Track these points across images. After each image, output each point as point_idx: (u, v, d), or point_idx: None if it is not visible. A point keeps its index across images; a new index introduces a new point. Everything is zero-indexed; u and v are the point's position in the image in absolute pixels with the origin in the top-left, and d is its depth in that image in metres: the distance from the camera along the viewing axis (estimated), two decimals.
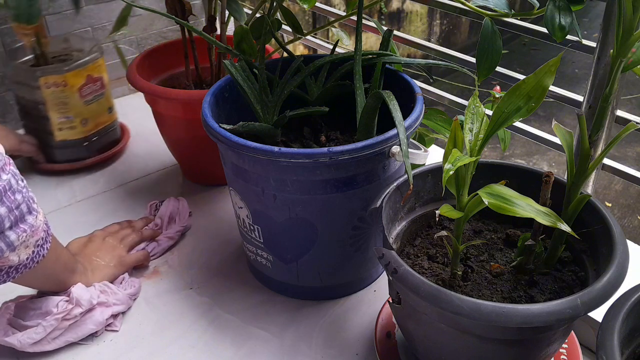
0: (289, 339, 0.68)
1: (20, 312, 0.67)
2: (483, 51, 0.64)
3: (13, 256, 0.55)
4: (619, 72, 0.47)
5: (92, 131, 1.00)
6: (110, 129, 1.04)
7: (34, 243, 0.58)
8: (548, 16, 0.59)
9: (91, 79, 0.96)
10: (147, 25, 1.24)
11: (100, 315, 0.68)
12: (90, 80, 0.96)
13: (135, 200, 0.93)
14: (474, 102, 0.52)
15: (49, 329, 0.64)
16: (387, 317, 0.66)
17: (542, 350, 0.51)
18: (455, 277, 0.54)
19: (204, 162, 0.93)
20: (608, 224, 0.52)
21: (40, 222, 0.58)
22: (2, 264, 0.55)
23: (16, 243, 0.54)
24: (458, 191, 0.50)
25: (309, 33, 0.83)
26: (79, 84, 0.94)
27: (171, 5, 0.89)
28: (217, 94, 0.72)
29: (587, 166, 0.50)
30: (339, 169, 0.60)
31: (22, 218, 0.55)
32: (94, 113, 0.99)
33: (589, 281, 0.52)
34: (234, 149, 0.60)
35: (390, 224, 0.58)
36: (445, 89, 0.87)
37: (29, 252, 0.57)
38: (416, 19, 4.00)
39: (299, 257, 0.68)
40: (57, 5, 1.10)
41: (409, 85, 0.70)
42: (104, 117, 1.02)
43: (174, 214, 0.86)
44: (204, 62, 0.96)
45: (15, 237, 0.54)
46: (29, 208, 0.56)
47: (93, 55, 0.97)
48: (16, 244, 0.54)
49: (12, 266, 0.56)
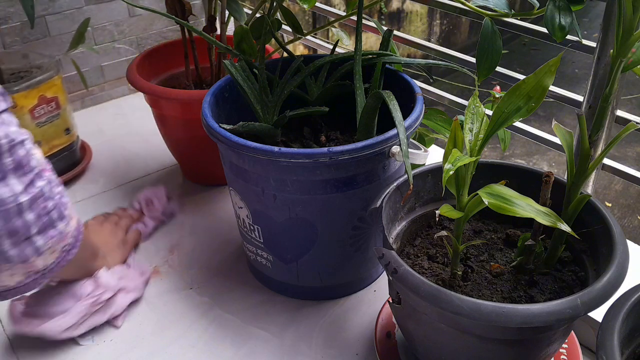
0: (289, 339, 0.68)
1: (39, 300, 0.66)
2: (483, 51, 0.64)
3: (39, 261, 0.55)
4: (619, 72, 0.47)
5: (46, 154, 0.91)
6: (67, 150, 0.97)
7: (61, 248, 0.58)
8: (548, 16, 0.59)
9: (44, 100, 0.90)
10: (147, 25, 1.25)
11: (122, 300, 0.70)
12: (44, 101, 0.90)
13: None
14: (474, 102, 0.52)
15: (81, 314, 0.66)
16: (387, 317, 0.66)
17: (542, 350, 0.51)
18: (455, 277, 0.54)
19: (204, 162, 0.93)
20: (608, 224, 0.52)
21: (71, 228, 0.58)
22: (28, 270, 0.55)
23: (43, 249, 0.55)
24: (458, 191, 0.50)
25: (309, 33, 0.83)
26: (30, 105, 0.88)
27: (171, 5, 0.89)
28: (217, 94, 0.72)
29: (587, 166, 0.50)
30: (339, 169, 0.60)
31: (52, 224, 0.55)
32: (47, 135, 0.93)
33: (589, 281, 0.52)
34: (234, 149, 0.60)
35: (390, 224, 0.58)
36: (445, 89, 0.87)
37: (54, 257, 0.57)
38: (416, 19, 4.00)
39: (299, 257, 0.68)
40: (57, 5, 1.11)
41: (409, 85, 0.70)
42: (60, 139, 0.96)
43: (151, 197, 0.87)
44: (204, 62, 0.96)
45: (43, 242, 0.54)
46: (60, 215, 0.56)
47: (47, 74, 0.90)
48: (43, 249, 0.55)
49: (38, 271, 0.56)
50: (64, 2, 1.11)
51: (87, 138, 1.11)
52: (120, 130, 1.15)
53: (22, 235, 0.52)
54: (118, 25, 1.20)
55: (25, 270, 0.55)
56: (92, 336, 0.69)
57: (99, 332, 0.70)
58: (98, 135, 1.13)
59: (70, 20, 1.13)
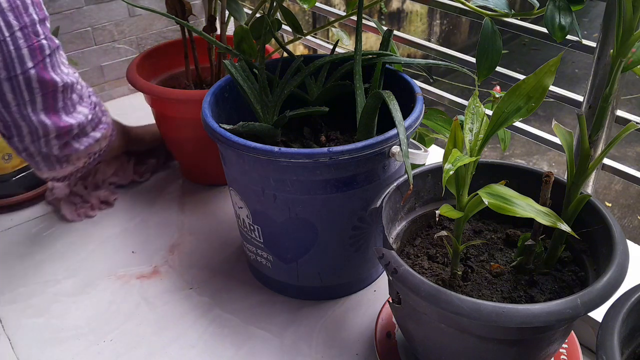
0: (289, 339, 0.68)
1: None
2: (483, 51, 0.63)
3: (97, 146, 0.81)
4: (619, 72, 0.47)
5: (17, 167, 0.92)
6: None
7: (108, 135, 0.83)
8: (548, 16, 0.59)
9: None
10: (147, 25, 1.25)
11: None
12: None
13: (134, 200, 0.93)
14: (474, 102, 0.52)
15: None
16: (387, 317, 0.66)
17: (542, 350, 0.51)
18: (455, 277, 0.54)
19: (204, 162, 0.93)
20: (608, 224, 0.52)
21: (109, 118, 0.83)
22: (90, 151, 0.80)
23: (101, 138, 0.80)
24: (458, 191, 0.50)
25: (309, 33, 0.83)
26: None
27: (171, 5, 0.89)
28: (217, 94, 0.72)
29: (587, 166, 0.50)
30: (339, 169, 0.60)
31: (101, 120, 0.81)
32: None
33: (589, 281, 0.52)
34: (234, 149, 0.60)
35: (390, 224, 0.58)
36: (445, 89, 0.87)
37: (106, 142, 0.83)
38: (416, 19, 4.00)
39: (299, 257, 0.68)
40: (57, 5, 1.10)
41: (409, 85, 0.70)
42: None
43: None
44: (204, 62, 0.96)
45: (101, 134, 0.80)
46: (103, 112, 0.82)
47: None
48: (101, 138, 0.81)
49: (95, 152, 0.82)
50: (64, 2, 1.11)
51: None
52: None
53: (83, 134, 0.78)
54: (118, 25, 1.20)
55: (88, 152, 0.80)
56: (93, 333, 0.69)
57: (99, 332, 0.70)
58: None
59: (70, 20, 1.13)
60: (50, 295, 0.75)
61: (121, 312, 0.73)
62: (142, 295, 0.75)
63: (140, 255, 0.82)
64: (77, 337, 0.69)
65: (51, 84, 0.69)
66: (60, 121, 0.73)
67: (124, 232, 0.87)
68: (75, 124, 0.75)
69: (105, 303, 0.74)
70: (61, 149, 0.76)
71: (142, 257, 0.82)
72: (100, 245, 0.84)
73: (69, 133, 0.75)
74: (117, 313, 0.72)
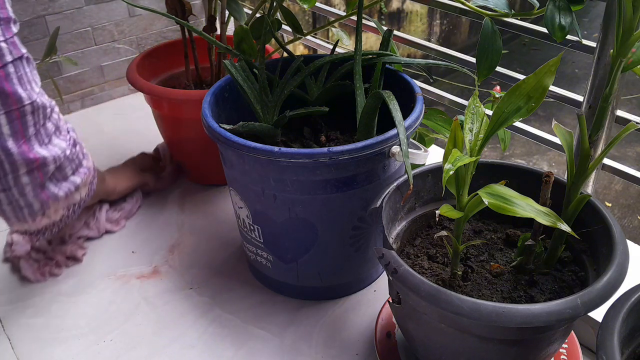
0: (289, 339, 0.68)
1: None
2: (483, 51, 0.63)
3: (77, 195, 0.69)
4: (619, 72, 0.47)
5: None
6: None
7: (89, 181, 0.71)
8: (548, 16, 0.59)
9: None
10: (147, 25, 1.25)
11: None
12: None
13: None
14: (474, 102, 0.52)
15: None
16: (387, 317, 0.66)
17: (542, 350, 0.51)
18: (455, 277, 0.54)
19: (204, 162, 0.93)
20: (608, 224, 0.52)
21: (91, 163, 0.72)
22: (69, 203, 0.69)
23: (80, 184, 0.69)
24: (458, 191, 0.50)
25: (309, 33, 0.83)
26: None
27: (171, 5, 0.89)
28: (217, 94, 0.72)
29: (587, 166, 0.50)
30: (339, 169, 0.60)
31: (80, 164, 0.69)
32: None
33: (589, 281, 0.52)
34: (234, 149, 0.60)
35: (390, 224, 0.58)
36: (445, 89, 0.87)
37: (86, 190, 0.71)
38: (416, 19, 4.00)
39: (299, 257, 0.68)
40: (57, 5, 1.10)
41: (409, 85, 0.70)
42: None
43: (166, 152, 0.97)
44: (204, 62, 0.96)
45: (80, 180, 0.69)
46: (84, 154, 0.70)
47: None
48: (80, 185, 0.69)
49: (75, 204, 0.70)
50: (64, 2, 1.11)
51: (87, 138, 1.11)
52: (120, 130, 1.15)
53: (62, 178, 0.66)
54: (118, 25, 1.20)
55: (66, 204, 0.68)
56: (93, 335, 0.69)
57: (99, 332, 0.70)
58: (98, 135, 1.13)
59: (70, 20, 1.13)
60: (50, 295, 0.75)
61: (121, 312, 0.73)
62: (142, 295, 0.75)
63: (140, 255, 0.82)
64: (77, 337, 0.69)
65: (14, 99, 0.58)
66: (31, 152, 0.60)
67: (124, 232, 0.86)
68: (50, 158, 0.62)
69: (105, 303, 0.74)
70: (36, 193, 0.63)
71: (142, 257, 0.82)
72: (100, 245, 0.84)
73: (42, 169, 0.62)
74: (117, 313, 0.72)
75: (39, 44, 1.10)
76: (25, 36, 1.08)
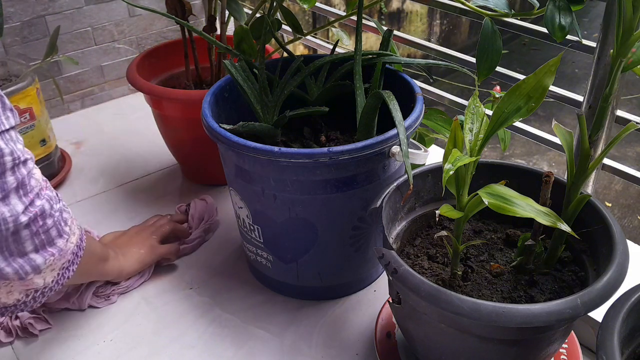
0: (289, 339, 0.68)
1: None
2: (483, 51, 0.63)
3: (38, 279, 0.54)
4: (619, 72, 0.47)
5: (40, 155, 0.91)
6: (43, 162, 0.94)
7: (60, 266, 0.56)
8: (548, 16, 0.59)
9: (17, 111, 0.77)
10: (147, 25, 1.25)
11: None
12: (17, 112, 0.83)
13: (135, 200, 0.93)
14: (474, 102, 0.52)
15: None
16: (387, 317, 0.66)
17: (542, 350, 0.51)
18: (455, 277, 0.54)
19: (204, 162, 0.93)
20: (608, 224, 0.52)
21: (71, 245, 0.56)
22: (27, 287, 0.54)
23: (42, 267, 0.53)
24: (458, 191, 0.50)
25: (309, 33, 0.83)
26: None
27: (171, 5, 0.89)
28: (217, 94, 0.72)
29: (587, 166, 0.50)
30: (339, 169, 0.60)
31: (51, 242, 0.53)
32: None
33: (589, 281, 0.52)
34: (234, 149, 0.60)
35: (390, 224, 0.58)
36: (445, 89, 0.87)
37: (54, 275, 0.56)
38: (416, 19, 4.00)
39: (299, 257, 0.68)
40: (57, 5, 1.10)
41: (409, 85, 0.70)
42: (36, 151, 0.91)
43: (203, 213, 0.85)
44: (204, 62, 0.96)
45: (42, 260, 0.53)
46: (59, 232, 0.54)
47: (20, 85, 0.85)
48: (42, 267, 0.53)
49: (37, 289, 0.55)
50: (64, 2, 1.11)
51: (87, 138, 1.11)
52: (120, 130, 1.15)
53: (16, 253, 0.51)
54: (118, 25, 1.20)
55: (24, 288, 0.54)
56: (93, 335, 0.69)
57: (99, 332, 0.70)
58: (98, 135, 1.13)
59: (70, 20, 1.13)
60: None
61: (121, 312, 0.73)
62: (142, 295, 0.75)
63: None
64: (77, 337, 0.69)
65: None
66: None
67: None
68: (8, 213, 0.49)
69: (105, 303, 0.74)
70: None
71: None
72: None
73: None
74: (117, 313, 0.72)
75: (39, 44, 1.10)
76: (25, 36, 1.08)
